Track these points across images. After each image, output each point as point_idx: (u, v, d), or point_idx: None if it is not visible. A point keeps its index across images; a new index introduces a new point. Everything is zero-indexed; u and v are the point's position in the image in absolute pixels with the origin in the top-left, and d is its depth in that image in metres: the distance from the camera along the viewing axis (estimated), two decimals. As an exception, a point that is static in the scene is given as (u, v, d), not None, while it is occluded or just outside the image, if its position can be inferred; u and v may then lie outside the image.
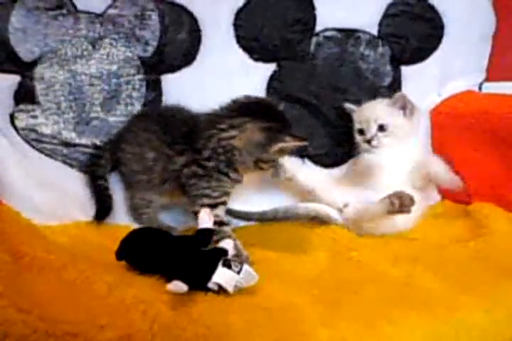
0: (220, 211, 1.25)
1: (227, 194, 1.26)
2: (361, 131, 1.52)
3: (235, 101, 1.26)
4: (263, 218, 1.49)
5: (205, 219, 1.11)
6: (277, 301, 0.96)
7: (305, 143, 1.23)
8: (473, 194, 1.56)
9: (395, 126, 1.49)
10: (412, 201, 1.28)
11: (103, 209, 1.38)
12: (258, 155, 1.20)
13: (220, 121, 1.23)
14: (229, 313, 0.91)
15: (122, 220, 1.40)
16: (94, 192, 1.39)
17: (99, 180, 1.39)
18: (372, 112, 1.51)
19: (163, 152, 1.29)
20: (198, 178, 1.25)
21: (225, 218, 1.27)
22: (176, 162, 1.27)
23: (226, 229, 1.23)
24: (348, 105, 1.58)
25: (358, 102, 1.60)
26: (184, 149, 1.26)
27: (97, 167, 1.39)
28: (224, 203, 1.26)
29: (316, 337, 0.88)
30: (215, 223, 1.18)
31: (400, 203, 1.28)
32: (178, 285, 0.92)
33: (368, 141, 1.49)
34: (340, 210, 1.42)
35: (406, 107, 1.50)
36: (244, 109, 1.24)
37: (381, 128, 1.49)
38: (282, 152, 1.22)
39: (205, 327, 0.87)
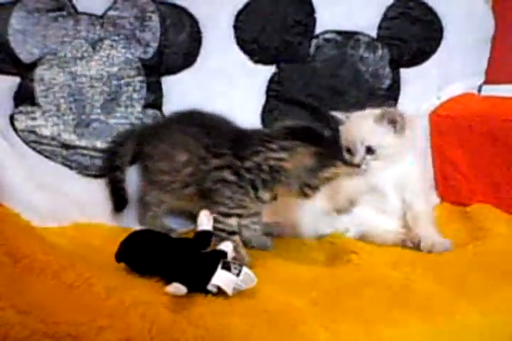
0: (233, 221, 1.23)
1: (244, 207, 1.23)
2: (349, 150, 1.36)
3: (285, 126, 1.23)
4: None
5: (204, 222, 1.11)
6: (276, 303, 0.96)
7: (356, 169, 1.24)
8: (472, 196, 1.57)
9: (384, 146, 1.33)
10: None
11: (121, 200, 1.39)
12: (306, 180, 1.16)
13: (271, 140, 1.19)
14: (228, 315, 0.91)
15: (122, 222, 1.40)
16: (110, 183, 1.39)
17: (117, 171, 1.39)
18: (359, 132, 1.35)
19: (197, 154, 1.26)
20: (224, 184, 1.22)
21: (237, 228, 1.25)
22: (209, 163, 1.24)
23: (235, 238, 1.21)
24: (336, 115, 1.46)
25: (357, 104, 1.60)
26: (224, 153, 1.23)
27: (116, 157, 1.39)
28: (239, 215, 1.24)
29: (315, 339, 0.88)
30: (224, 231, 1.19)
31: (413, 244, 1.29)
32: (177, 288, 0.92)
33: (358, 165, 1.33)
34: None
35: (396, 122, 1.34)
36: (293, 133, 1.20)
37: (369, 150, 1.33)
38: (331, 178, 1.17)
39: (204, 330, 0.87)
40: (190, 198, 1.31)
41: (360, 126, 1.37)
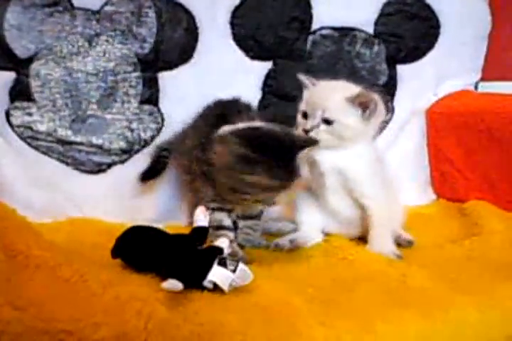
0: (218, 216, 1.22)
1: (217, 201, 1.21)
2: (305, 115, 1.25)
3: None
4: None
5: (201, 218, 1.11)
6: (273, 300, 0.96)
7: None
8: (468, 193, 1.57)
9: (343, 124, 1.22)
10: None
11: (154, 170, 1.40)
12: (230, 182, 1.10)
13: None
14: (224, 312, 0.91)
15: (117, 218, 1.40)
16: (154, 156, 1.40)
17: (163, 152, 1.40)
18: (323, 101, 1.23)
19: None
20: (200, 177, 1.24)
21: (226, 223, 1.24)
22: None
23: (222, 232, 1.21)
24: (302, 78, 1.32)
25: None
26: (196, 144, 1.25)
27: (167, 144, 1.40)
28: (224, 209, 1.23)
29: (311, 336, 0.88)
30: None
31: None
32: (173, 284, 0.92)
33: (306, 131, 1.22)
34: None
35: (367, 108, 1.22)
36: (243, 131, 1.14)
37: (326, 121, 1.21)
38: (254, 186, 1.08)
39: (200, 326, 0.87)
40: None
41: (327, 95, 1.25)
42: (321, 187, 1.29)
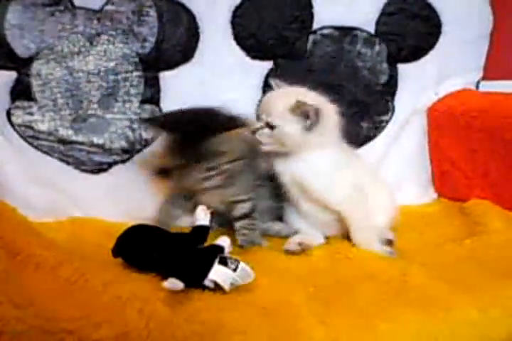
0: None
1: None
2: (258, 117, 1.30)
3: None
4: None
5: (201, 216, 1.11)
6: (273, 299, 0.96)
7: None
8: (470, 192, 1.57)
9: (283, 132, 1.23)
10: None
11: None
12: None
13: None
14: (225, 311, 0.91)
15: (118, 217, 1.40)
16: None
17: None
18: (270, 106, 1.26)
19: None
20: None
21: None
22: None
23: None
24: (272, 82, 1.37)
25: (354, 100, 1.60)
26: None
27: None
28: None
29: (312, 335, 0.88)
30: None
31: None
32: (173, 283, 0.92)
33: (252, 131, 1.25)
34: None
35: (308, 118, 1.21)
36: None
37: (270, 126, 1.24)
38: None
39: (201, 325, 0.87)
40: None
41: (275, 101, 1.28)
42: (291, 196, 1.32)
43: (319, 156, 1.26)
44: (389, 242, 1.29)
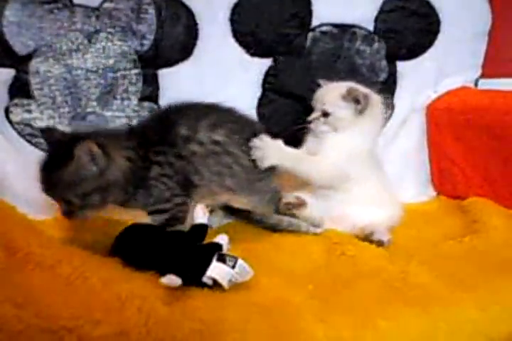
0: None
1: None
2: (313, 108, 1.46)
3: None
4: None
5: (200, 215, 1.11)
6: (273, 297, 0.96)
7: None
8: (469, 190, 1.57)
9: (338, 117, 1.39)
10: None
11: None
12: None
13: None
14: (224, 309, 0.91)
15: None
16: None
17: None
18: (325, 96, 1.43)
19: None
20: None
21: None
22: None
23: None
24: (321, 81, 1.49)
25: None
26: None
27: None
28: None
29: (312, 333, 0.88)
30: None
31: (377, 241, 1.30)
32: (171, 279, 0.92)
33: (309, 122, 1.42)
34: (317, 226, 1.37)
35: (359, 102, 1.37)
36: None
37: (325, 114, 1.39)
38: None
39: (201, 323, 0.87)
40: None
41: (327, 92, 1.43)
42: None
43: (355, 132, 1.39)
44: (379, 243, 1.29)
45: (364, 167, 1.38)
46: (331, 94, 1.41)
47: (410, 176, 1.69)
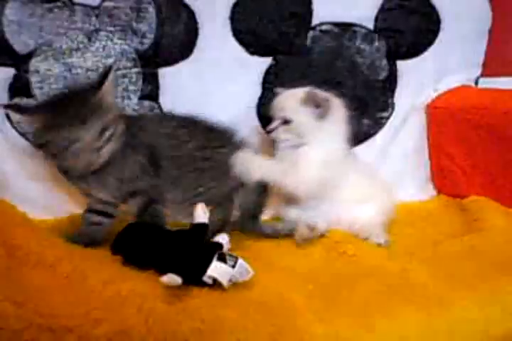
0: None
1: None
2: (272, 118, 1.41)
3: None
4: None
5: (201, 214, 1.11)
6: (272, 296, 0.96)
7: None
8: (469, 189, 1.57)
9: (300, 123, 1.35)
10: None
11: None
12: None
13: None
14: (224, 308, 0.91)
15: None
16: None
17: None
18: (283, 103, 1.38)
19: None
20: None
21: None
22: None
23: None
24: (277, 90, 1.46)
25: (354, 97, 1.60)
26: None
27: None
28: None
29: (311, 332, 0.89)
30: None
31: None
32: (171, 278, 0.92)
33: (268, 131, 1.38)
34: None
35: (319, 106, 1.35)
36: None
37: (285, 122, 1.35)
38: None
39: (201, 322, 0.87)
40: None
41: (286, 98, 1.39)
42: None
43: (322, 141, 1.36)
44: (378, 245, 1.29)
45: (344, 168, 1.38)
46: (289, 100, 1.38)
47: (410, 175, 1.68)
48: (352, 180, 1.37)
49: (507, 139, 1.47)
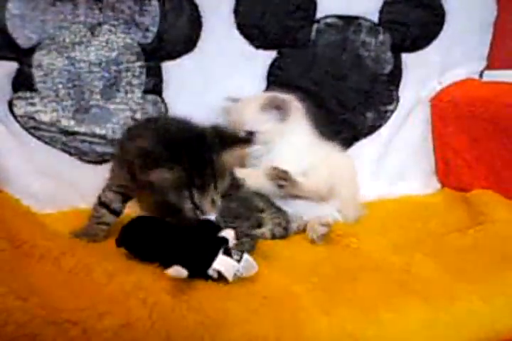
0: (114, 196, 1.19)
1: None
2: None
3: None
4: None
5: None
6: (276, 289, 0.96)
7: None
8: (473, 182, 1.57)
9: (265, 132, 1.34)
10: None
11: None
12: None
13: None
14: (228, 301, 0.91)
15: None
16: None
17: None
18: (242, 115, 1.36)
19: None
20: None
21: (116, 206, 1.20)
22: None
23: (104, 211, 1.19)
24: (227, 101, 1.45)
25: (358, 90, 1.60)
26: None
27: None
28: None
29: (315, 325, 0.88)
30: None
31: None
32: (177, 270, 0.92)
33: None
34: None
35: (280, 109, 1.35)
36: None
37: (250, 133, 1.33)
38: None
39: (205, 315, 0.87)
40: None
41: (243, 111, 1.37)
42: None
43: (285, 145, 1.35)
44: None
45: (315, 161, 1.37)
46: (248, 110, 1.36)
47: (415, 168, 1.69)
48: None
49: (511, 132, 1.46)
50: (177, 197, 1.04)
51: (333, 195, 1.35)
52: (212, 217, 1.09)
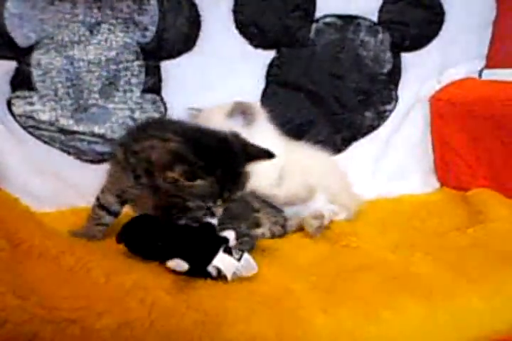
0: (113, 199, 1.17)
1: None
2: None
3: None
4: None
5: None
6: (276, 287, 0.96)
7: None
8: (472, 181, 1.57)
9: None
10: None
11: None
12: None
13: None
14: (227, 300, 0.91)
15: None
16: None
17: None
18: (208, 124, 1.27)
19: None
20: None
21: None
22: None
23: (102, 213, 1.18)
24: (190, 111, 1.45)
25: (357, 89, 1.60)
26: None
27: None
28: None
29: (314, 323, 0.88)
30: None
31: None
32: (178, 263, 0.92)
33: None
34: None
35: (246, 114, 1.38)
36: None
37: None
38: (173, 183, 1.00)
39: (204, 314, 0.87)
40: None
41: (210, 119, 1.36)
42: None
43: None
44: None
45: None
46: (213, 119, 1.35)
47: (414, 167, 1.69)
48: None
49: (510, 131, 1.46)
50: (197, 203, 1.03)
51: (315, 192, 1.35)
52: (214, 220, 1.09)
